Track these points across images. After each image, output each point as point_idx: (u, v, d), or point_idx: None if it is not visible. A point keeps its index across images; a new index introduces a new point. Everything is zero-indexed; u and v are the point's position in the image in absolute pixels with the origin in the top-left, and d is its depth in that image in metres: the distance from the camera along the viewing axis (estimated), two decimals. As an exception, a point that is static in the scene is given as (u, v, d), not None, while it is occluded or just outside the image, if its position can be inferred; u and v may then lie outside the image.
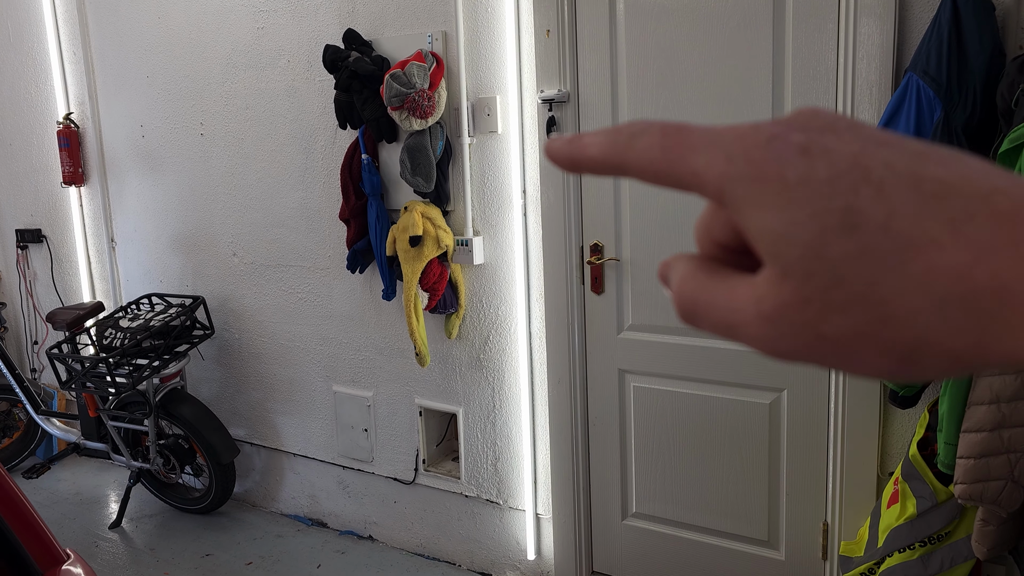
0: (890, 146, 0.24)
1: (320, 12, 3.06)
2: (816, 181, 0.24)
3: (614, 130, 0.29)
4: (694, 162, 0.26)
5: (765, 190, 0.25)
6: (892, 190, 0.23)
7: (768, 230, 0.25)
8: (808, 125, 0.25)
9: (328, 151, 3.16)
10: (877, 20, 2.09)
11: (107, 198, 3.94)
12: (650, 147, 0.27)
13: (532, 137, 2.71)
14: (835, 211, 0.23)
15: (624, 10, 2.48)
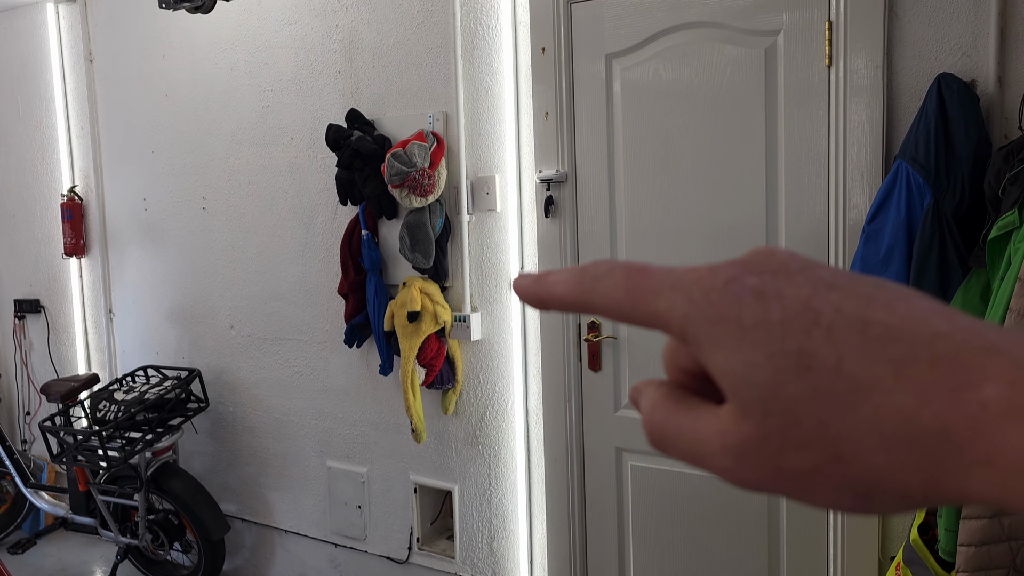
0: (840, 289, 0.25)
1: (324, 92, 3.14)
2: (770, 323, 0.25)
3: (579, 270, 0.30)
4: (657, 304, 0.28)
5: (724, 331, 0.26)
6: (841, 333, 0.24)
7: (728, 370, 0.26)
8: (763, 267, 0.27)
9: (328, 226, 3.20)
10: (866, 108, 2.16)
11: (107, 269, 3.96)
12: (615, 289, 0.29)
13: (530, 216, 2.75)
14: (789, 353, 0.25)
15: (621, 92, 2.55)
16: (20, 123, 4.19)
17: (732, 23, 2.35)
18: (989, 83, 2.01)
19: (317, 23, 3.12)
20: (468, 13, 2.78)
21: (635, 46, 2.51)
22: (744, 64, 2.34)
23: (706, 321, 0.26)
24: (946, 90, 1.95)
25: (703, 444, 0.27)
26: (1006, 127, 1.99)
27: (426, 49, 2.88)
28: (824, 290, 0.25)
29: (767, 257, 0.27)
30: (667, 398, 0.29)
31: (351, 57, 3.05)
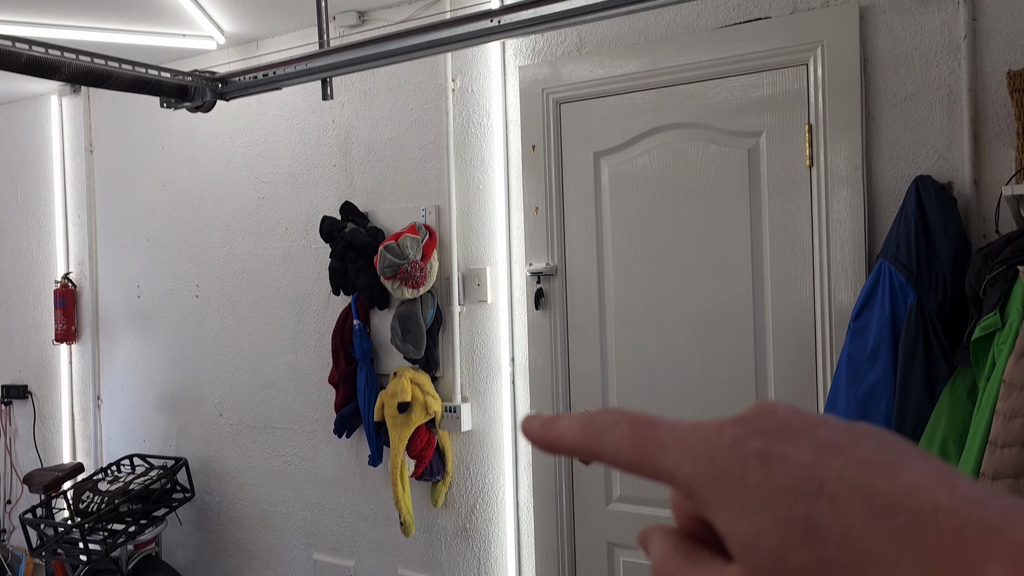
0: (842, 453, 0.26)
1: (319, 184, 3.21)
2: (775, 489, 0.25)
3: (588, 419, 0.31)
4: (663, 460, 0.28)
5: (730, 494, 0.26)
6: (846, 502, 0.25)
7: (735, 532, 0.26)
8: (767, 428, 0.27)
9: (320, 316, 3.21)
10: (847, 207, 2.21)
11: (97, 356, 3.95)
12: (621, 441, 0.29)
13: (521, 307, 2.78)
14: (795, 521, 0.25)
15: (609, 187, 2.61)
16: (18, 211, 4.24)
17: (716, 124, 2.43)
18: (965, 185, 2.07)
19: (314, 118, 3.21)
20: (461, 111, 2.87)
21: (622, 145, 2.58)
22: (728, 163, 2.41)
23: (712, 482, 0.27)
24: (924, 192, 2.01)
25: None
26: (984, 227, 2.05)
27: (420, 145, 2.96)
28: (827, 455, 0.26)
29: (770, 415, 0.28)
30: (676, 550, 0.30)
31: (346, 151, 3.13)
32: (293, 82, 2.26)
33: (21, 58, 1.96)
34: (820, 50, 2.25)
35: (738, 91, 2.39)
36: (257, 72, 2.28)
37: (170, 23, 3.12)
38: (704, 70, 2.43)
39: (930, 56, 2.13)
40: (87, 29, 3.11)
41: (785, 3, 2.31)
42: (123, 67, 2.13)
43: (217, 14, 3.05)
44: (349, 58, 2.13)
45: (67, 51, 2.00)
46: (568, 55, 2.67)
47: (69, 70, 2.04)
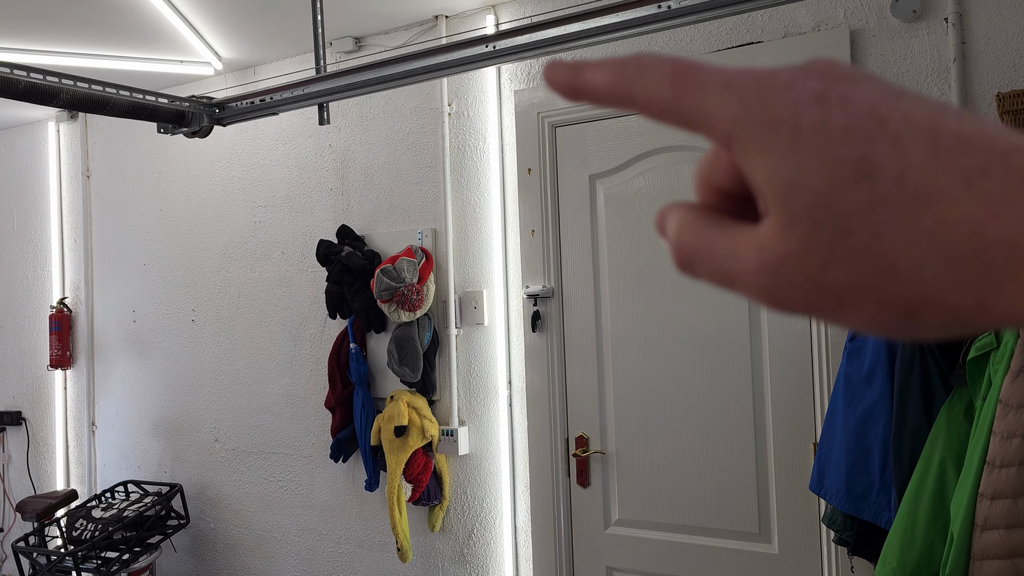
0: (909, 99, 0.24)
1: (316, 208, 3.22)
2: (831, 129, 0.23)
3: (622, 61, 0.27)
4: (705, 102, 0.25)
5: (777, 136, 0.24)
6: (908, 142, 0.23)
7: (777, 177, 0.24)
8: (827, 74, 0.25)
9: (317, 339, 3.21)
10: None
11: (92, 381, 3.93)
12: (660, 82, 0.26)
13: (517, 329, 2.78)
14: (848, 161, 0.23)
15: (604, 210, 2.63)
16: (14, 236, 4.24)
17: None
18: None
19: (310, 143, 3.23)
20: (457, 135, 2.89)
21: (617, 167, 2.60)
22: (723, 185, 2.43)
23: (759, 124, 0.24)
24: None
25: (738, 261, 0.26)
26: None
27: (416, 168, 2.97)
28: (892, 99, 0.24)
29: (830, 66, 0.25)
30: (698, 218, 0.27)
31: (343, 175, 3.15)
32: (290, 107, 2.27)
33: (19, 85, 1.97)
34: (812, 73, 2.27)
35: (732, 114, 2.41)
36: (254, 97, 2.29)
37: (168, 50, 3.15)
38: (698, 93, 2.45)
39: (920, 79, 2.15)
40: (86, 56, 3.13)
41: (777, 28, 2.34)
42: (121, 93, 2.14)
43: (214, 40, 3.07)
44: (345, 83, 2.15)
45: (65, 77, 2.02)
46: (563, 79, 2.69)
47: (67, 96, 2.06)
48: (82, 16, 2.79)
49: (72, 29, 2.91)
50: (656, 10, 1.76)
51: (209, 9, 2.77)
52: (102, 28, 2.91)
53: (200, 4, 2.73)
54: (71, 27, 2.89)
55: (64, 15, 2.78)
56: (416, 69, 2.05)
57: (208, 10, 2.78)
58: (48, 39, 3.01)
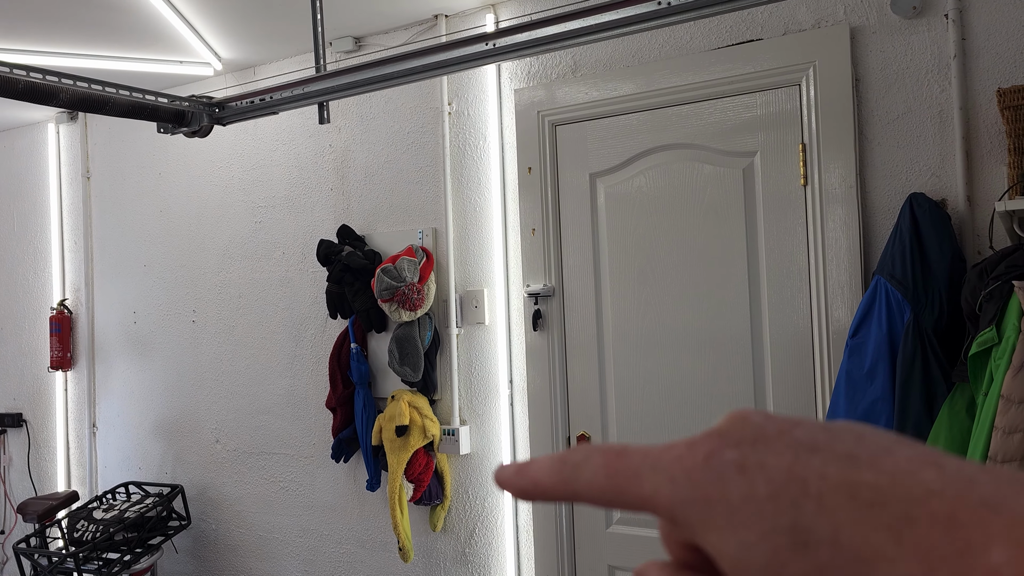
0: (820, 452, 0.25)
1: (316, 209, 3.22)
2: (758, 499, 0.24)
3: (559, 459, 0.29)
4: (640, 489, 0.27)
5: (713, 511, 0.25)
6: (831, 502, 0.23)
7: (724, 553, 0.25)
8: (741, 437, 0.26)
9: (318, 340, 3.21)
10: (842, 225, 2.23)
11: (93, 383, 3.93)
12: (595, 476, 0.27)
13: (518, 328, 2.78)
14: (782, 529, 0.23)
15: (605, 208, 2.62)
16: (14, 238, 4.24)
17: (710, 144, 2.45)
18: (959, 202, 2.09)
19: (310, 143, 3.23)
20: (457, 134, 2.89)
21: (618, 166, 2.60)
22: (723, 182, 2.43)
23: (693, 503, 0.25)
24: (918, 209, 2.03)
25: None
26: (978, 244, 2.06)
27: (416, 168, 2.97)
28: (805, 455, 0.24)
29: (742, 424, 0.27)
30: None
31: (343, 175, 3.14)
32: (290, 106, 2.27)
33: (19, 84, 1.97)
34: (812, 71, 2.27)
35: (732, 112, 2.41)
36: (254, 97, 2.30)
37: (168, 50, 3.15)
38: (698, 91, 2.45)
39: (921, 75, 2.15)
40: (86, 56, 3.13)
41: (777, 25, 2.34)
42: (120, 92, 2.14)
43: (214, 40, 3.07)
44: (345, 82, 2.15)
45: (64, 77, 2.02)
46: (563, 78, 2.69)
47: (67, 96, 2.06)
48: (83, 17, 2.79)
49: (72, 30, 2.91)
50: (656, 7, 1.76)
51: (209, 9, 2.77)
52: (102, 29, 2.91)
53: (200, 4, 2.73)
54: (72, 28, 2.90)
55: (65, 16, 2.78)
56: (416, 68, 2.05)
57: (208, 10, 2.78)
58: (48, 40, 3.01)
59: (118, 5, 2.69)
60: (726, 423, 0.27)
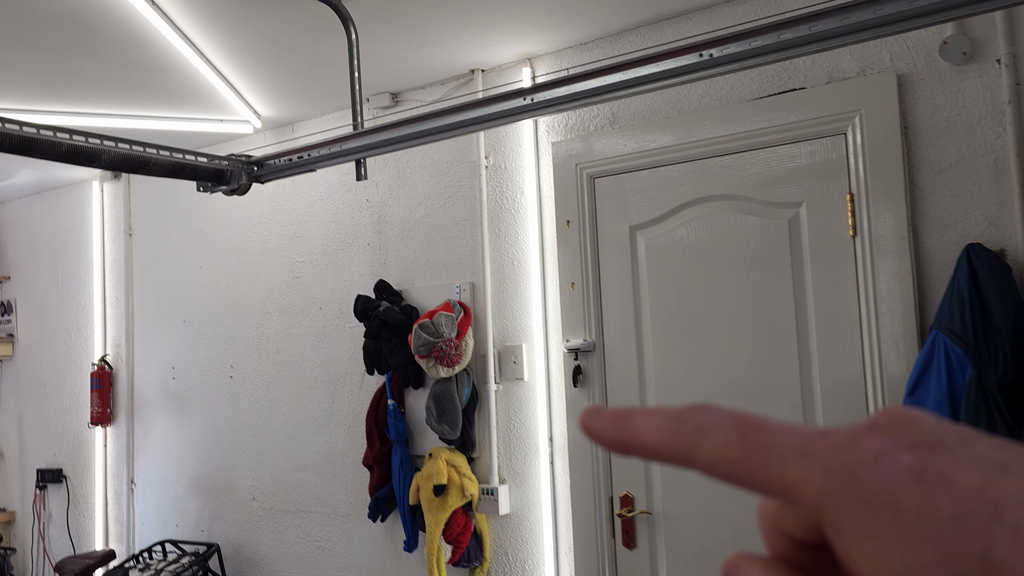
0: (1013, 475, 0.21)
1: (353, 264, 3.21)
2: (939, 516, 0.21)
3: (676, 416, 0.25)
4: (784, 472, 0.23)
5: (877, 519, 0.21)
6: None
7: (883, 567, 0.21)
8: (915, 440, 0.23)
9: (354, 396, 3.17)
10: (895, 277, 2.14)
11: (132, 439, 3.93)
12: (726, 445, 0.24)
13: (558, 385, 2.71)
14: (969, 558, 0.20)
15: (646, 261, 2.57)
16: (58, 294, 4.31)
17: (754, 195, 2.39)
18: (1019, 252, 1.99)
19: (348, 198, 3.23)
20: (494, 188, 2.87)
21: (658, 218, 2.55)
22: (768, 234, 2.36)
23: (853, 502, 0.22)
24: (976, 260, 1.94)
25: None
26: (1043, 296, 1.96)
27: (453, 222, 2.95)
28: (997, 475, 0.21)
29: (911, 424, 0.23)
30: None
31: (380, 230, 3.14)
32: (328, 163, 2.27)
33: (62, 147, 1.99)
34: (859, 119, 2.21)
35: (775, 162, 2.36)
36: (292, 155, 2.30)
37: (208, 109, 3.20)
38: (739, 142, 2.41)
39: (973, 122, 2.08)
40: (129, 117, 3.19)
41: (820, 73, 2.29)
42: (161, 153, 2.15)
43: (254, 99, 3.11)
44: (383, 139, 2.14)
45: (106, 139, 2.03)
46: (601, 130, 2.66)
47: (108, 158, 2.07)
48: (126, 79, 2.85)
49: (116, 92, 2.97)
50: (697, 59, 1.73)
51: (249, 69, 2.81)
52: (145, 90, 2.96)
53: (240, 64, 2.77)
54: (116, 90, 2.95)
55: (110, 79, 2.84)
56: (454, 123, 2.03)
57: (248, 70, 2.82)
58: (93, 102, 3.07)
59: (161, 67, 2.74)
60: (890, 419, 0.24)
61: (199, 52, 2.61)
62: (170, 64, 2.71)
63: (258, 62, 2.75)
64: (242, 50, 2.64)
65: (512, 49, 2.74)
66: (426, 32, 2.56)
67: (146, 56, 2.64)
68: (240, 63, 2.75)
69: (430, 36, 2.60)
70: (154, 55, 2.63)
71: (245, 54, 2.67)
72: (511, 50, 2.74)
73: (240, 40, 2.56)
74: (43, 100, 3.01)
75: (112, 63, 2.70)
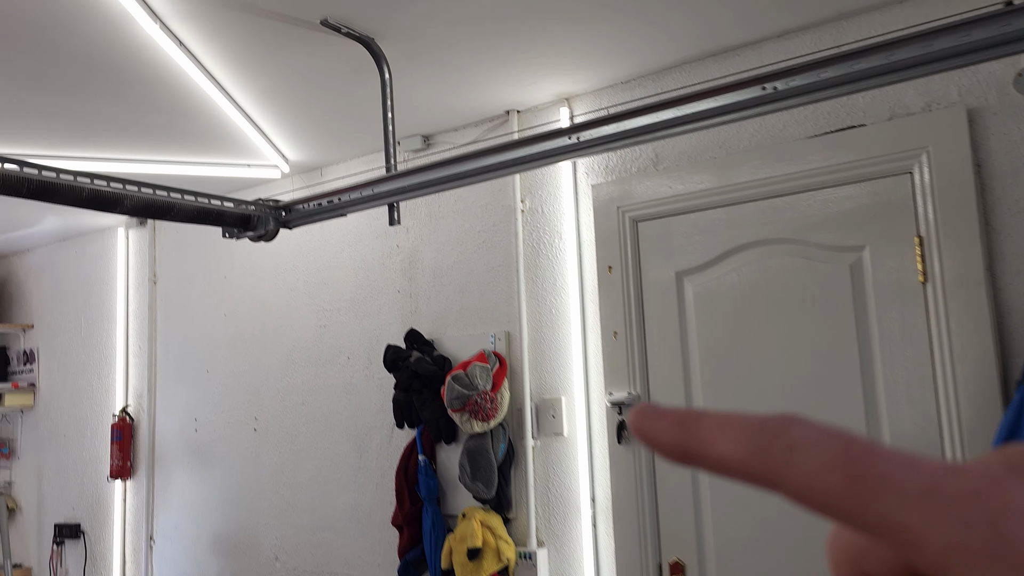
0: None
1: (383, 311, 3.08)
2: None
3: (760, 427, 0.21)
4: (900, 513, 0.19)
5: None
6: None
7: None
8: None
9: (383, 451, 3.02)
10: (973, 328, 1.97)
11: (151, 493, 3.79)
12: (826, 469, 0.20)
13: (601, 441, 2.54)
14: None
15: (694, 309, 2.41)
16: (80, 344, 4.22)
17: (811, 239, 2.24)
18: (1114, 299, 1.82)
19: (377, 244, 3.12)
20: (531, 232, 2.74)
21: (707, 263, 2.40)
22: (828, 279, 2.20)
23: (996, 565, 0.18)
24: (1067, 308, 1.77)
25: None
26: None
27: (488, 268, 2.82)
28: None
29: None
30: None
31: (411, 277, 3.01)
32: (360, 208, 2.15)
33: (83, 192, 1.89)
34: (925, 157, 2.06)
35: (833, 203, 2.21)
36: (321, 199, 2.19)
37: (236, 154, 3.12)
38: (794, 182, 2.26)
39: (1054, 159, 1.93)
40: (153, 162, 3.12)
41: (880, 109, 2.16)
42: (185, 198, 2.05)
43: (282, 142, 3.03)
44: (419, 181, 2.02)
45: (128, 183, 1.93)
46: (644, 171, 2.54)
47: (131, 203, 1.97)
48: (151, 123, 2.77)
49: (141, 136, 2.90)
50: (760, 92, 1.60)
51: (277, 111, 2.72)
52: (170, 134, 2.89)
53: (268, 106, 2.68)
54: (141, 134, 2.88)
55: (134, 123, 2.76)
56: (494, 164, 1.91)
57: (276, 112, 2.73)
58: (117, 147, 3.00)
59: (187, 110, 2.66)
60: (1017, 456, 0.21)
61: (226, 94, 2.53)
62: (196, 107, 2.63)
63: (287, 104, 2.66)
64: (270, 92, 2.55)
65: (549, 88, 2.63)
66: (460, 71, 2.47)
67: (171, 98, 2.57)
68: (268, 105, 2.66)
69: (464, 75, 2.50)
70: (180, 97, 2.56)
71: (273, 96, 2.59)
72: (548, 89, 2.64)
73: (268, 81, 2.47)
74: (66, 146, 2.95)
75: (136, 106, 2.63)
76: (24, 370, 4.52)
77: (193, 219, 2.11)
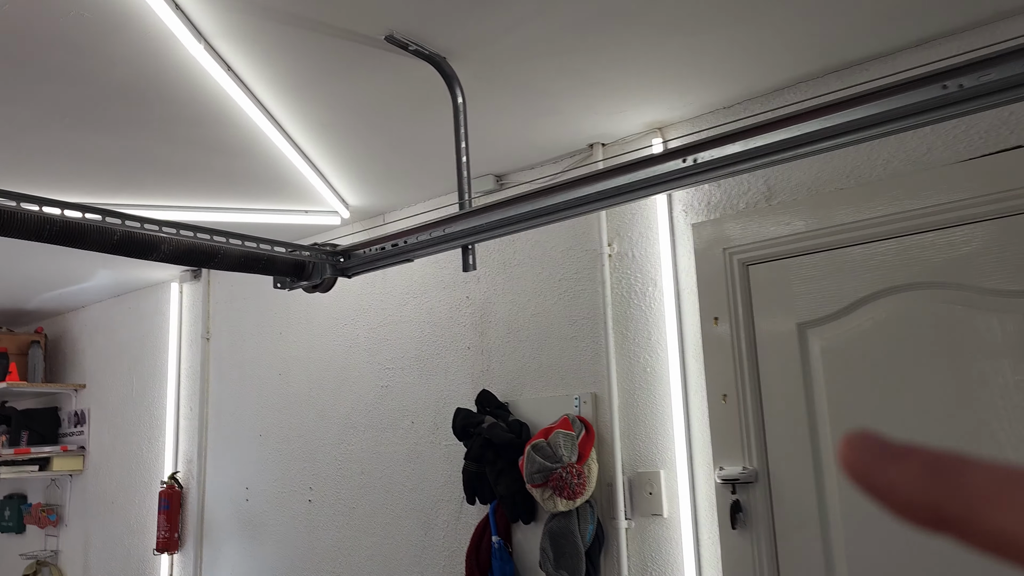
0: None
1: (451, 370, 2.76)
2: None
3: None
4: None
5: None
6: None
7: None
8: None
9: (451, 528, 2.67)
10: None
11: (199, 570, 3.49)
12: None
13: (709, 524, 2.15)
14: None
15: (822, 367, 2.03)
16: (132, 404, 4.00)
17: (970, 282, 1.85)
18: None
19: (445, 295, 2.82)
20: (620, 280, 2.41)
21: (837, 312, 2.02)
22: (997, 332, 1.81)
23: None
24: None
25: None
26: None
27: (570, 321, 2.49)
28: None
29: None
30: None
31: (482, 331, 2.69)
32: (428, 252, 1.85)
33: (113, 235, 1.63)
34: (1121, 178, 1.67)
35: (999, 238, 1.82)
36: (384, 243, 1.89)
37: (292, 199, 2.87)
38: (944, 215, 1.89)
39: None
40: (201, 209, 2.90)
41: (1054, 124, 1.78)
42: (231, 242, 1.78)
43: (341, 184, 2.77)
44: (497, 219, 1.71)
45: (165, 225, 1.67)
46: (754, 207, 2.19)
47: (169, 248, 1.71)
48: (202, 163, 2.54)
49: (190, 179, 2.68)
50: (940, 91, 1.25)
51: (336, 148, 2.47)
52: (222, 177, 2.66)
53: (327, 143, 2.43)
54: (189, 178, 2.66)
55: (181, 164, 2.54)
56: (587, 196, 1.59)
57: (335, 149, 2.48)
58: (168, 194, 2.78)
59: (240, 149, 2.43)
60: None
61: (279, 127, 2.28)
62: (246, 143, 2.39)
63: (346, 139, 2.40)
64: (329, 126, 2.30)
65: (639, 117, 2.32)
66: (538, 96, 2.17)
67: (223, 136, 2.33)
68: (327, 142, 2.41)
69: (543, 101, 2.21)
70: (229, 133, 2.32)
71: (332, 130, 2.33)
72: (637, 118, 2.33)
73: (326, 113, 2.21)
74: (110, 191, 2.74)
75: (185, 145, 2.40)
76: (75, 432, 4.32)
77: (239, 267, 1.83)
